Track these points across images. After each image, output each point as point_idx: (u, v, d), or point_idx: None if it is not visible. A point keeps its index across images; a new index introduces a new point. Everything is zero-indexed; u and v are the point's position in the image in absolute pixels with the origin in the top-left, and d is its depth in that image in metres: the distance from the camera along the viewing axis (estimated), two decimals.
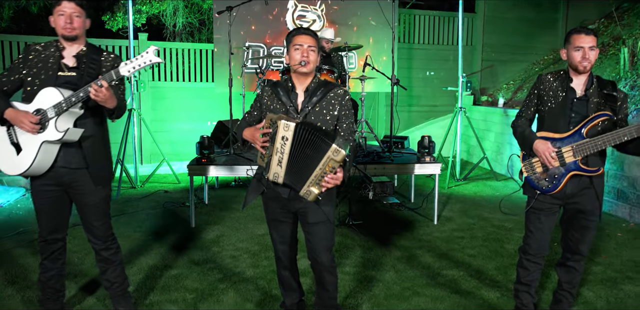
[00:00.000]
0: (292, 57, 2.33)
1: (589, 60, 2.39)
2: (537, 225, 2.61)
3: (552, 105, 2.51)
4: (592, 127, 2.41)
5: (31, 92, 2.40)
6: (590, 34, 2.41)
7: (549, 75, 2.58)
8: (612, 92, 2.43)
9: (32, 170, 2.38)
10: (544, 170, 2.53)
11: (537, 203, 2.58)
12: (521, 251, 2.70)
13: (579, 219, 2.57)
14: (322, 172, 2.14)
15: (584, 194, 2.51)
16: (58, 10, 2.38)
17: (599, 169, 2.43)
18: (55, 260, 2.62)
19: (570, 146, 2.43)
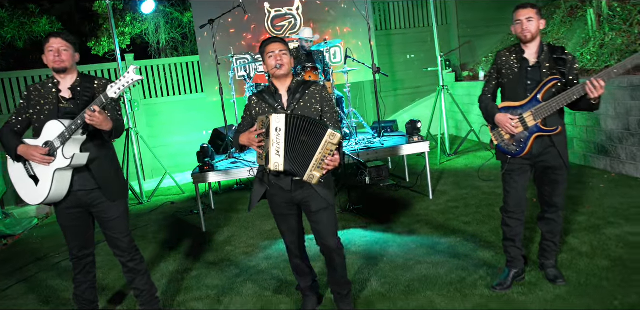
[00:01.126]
0: (268, 64, 2.60)
1: (528, 30, 2.66)
2: (512, 185, 2.88)
3: (510, 76, 2.77)
4: (547, 91, 2.66)
5: (38, 127, 2.66)
6: (527, 7, 2.67)
7: (505, 50, 2.85)
8: (561, 55, 2.68)
9: (52, 197, 2.64)
10: (510, 137, 2.79)
11: (510, 166, 2.85)
12: (502, 211, 2.97)
13: (548, 175, 2.84)
14: (322, 156, 2.39)
15: (548, 152, 2.78)
16: (48, 46, 2.64)
17: (557, 128, 2.70)
18: (86, 274, 2.90)
19: (530, 111, 2.69)
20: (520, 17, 2.67)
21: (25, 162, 2.70)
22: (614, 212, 3.92)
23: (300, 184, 2.55)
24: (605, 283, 2.84)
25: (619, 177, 4.94)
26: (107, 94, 2.50)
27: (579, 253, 3.27)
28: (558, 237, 2.98)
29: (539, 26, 2.68)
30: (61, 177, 2.62)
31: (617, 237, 3.45)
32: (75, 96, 2.68)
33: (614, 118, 5.08)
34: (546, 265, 3.00)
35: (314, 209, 2.59)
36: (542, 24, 2.69)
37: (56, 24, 7.97)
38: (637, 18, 5.75)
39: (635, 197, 4.24)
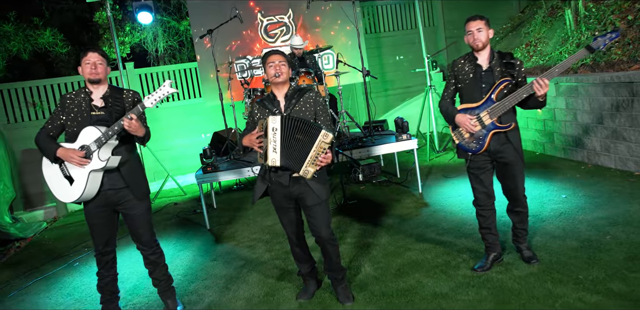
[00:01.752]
0: (268, 73, 2.93)
1: (479, 40, 2.98)
2: (478, 182, 3.20)
3: (466, 81, 3.09)
4: (499, 91, 2.99)
5: (72, 132, 2.96)
6: (477, 19, 2.99)
7: (459, 59, 3.16)
8: (510, 60, 3.02)
9: (84, 196, 2.95)
10: (470, 135, 3.11)
11: (472, 163, 3.17)
12: (474, 204, 3.29)
13: (507, 170, 3.15)
14: (316, 153, 2.72)
15: (505, 148, 3.09)
16: (85, 60, 2.94)
17: (511, 124, 3.02)
18: (109, 269, 3.20)
19: (486, 111, 3.02)
20: (471, 28, 2.98)
21: (61, 164, 3.00)
22: (587, 200, 4.26)
23: (297, 180, 2.87)
24: (572, 260, 3.17)
25: (594, 168, 5.29)
26: (144, 103, 2.82)
27: (553, 236, 3.61)
28: (527, 223, 3.30)
29: (488, 35, 3.01)
30: (94, 178, 2.93)
31: (587, 221, 3.79)
32: (108, 105, 2.98)
33: (588, 113, 5.43)
34: (521, 248, 3.32)
35: (309, 203, 2.91)
36: (490, 33, 3.02)
37: (58, 35, 8.27)
38: (609, 18, 6.10)
39: (606, 185, 4.59)
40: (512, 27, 9.49)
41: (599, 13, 6.42)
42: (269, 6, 7.42)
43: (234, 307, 3.23)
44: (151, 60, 8.99)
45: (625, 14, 5.96)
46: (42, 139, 3.01)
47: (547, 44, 7.45)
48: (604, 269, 3.01)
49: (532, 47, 7.76)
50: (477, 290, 2.98)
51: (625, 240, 3.37)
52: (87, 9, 8.72)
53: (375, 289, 3.19)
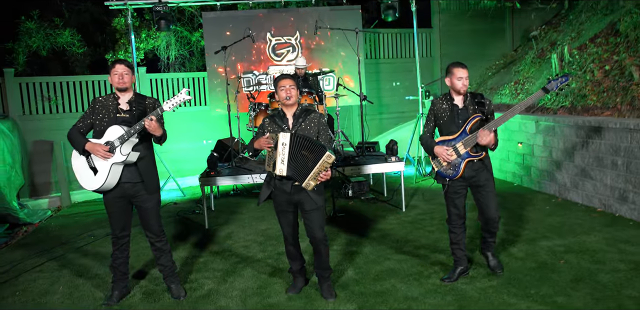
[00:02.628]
0: (280, 96, 3.42)
1: (466, 86, 3.51)
2: (452, 204, 3.69)
3: (445, 118, 3.61)
4: (472, 125, 3.52)
5: (99, 130, 3.43)
6: (465, 68, 3.52)
7: (438, 99, 3.67)
8: (481, 100, 3.56)
9: (105, 186, 3.40)
10: (447, 164, 3.61)
11: (450, 187, 3.66)
12: (447, 222, 3.79)
13: (480, 192, 3.65)
14: (318, 170, 3.20)
15: (478, 174, 3.59)
16: (113, 71, 3.43)
17: (482, 153, 3.54)
18: (123, 251, 3.64)
19: (461, 142, 3.53)
20: (462, 75, 3.49)
21: (88, 156, 3.45)
22: (550, 229, 4.78)
23: (298, 188, 3.35)
24: (528, 278, 3.66)
25: (563, 201, 5.83)
26: (163, 107, 3.31)
27: (515, 258, 4.10)
28: (495, 237, 3.81)
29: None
30: (115, 170, 3.39)
31: (547, 247, 4.30)
32: (132, 109, 3.47)
33: (562, 151, 5.99)
34: (488, 256, 3.84)
35: (307, 208, 3.38)
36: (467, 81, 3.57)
37: (76, 35, 8.76)
38: (589, 66, 6.73)
39: (570, 218, 5.11)
40: (504, 64, 10.15)
41: (581, 60, 7.06)
42: (278, 27, 7.98)
43: (230, 295, 3.65)
44: (162, 67, 9.48)
45: (603, 63, 6.59)
46: (73, 134, 3.48)
47: (533, 83, 8.07)
48: (552, 286, 3.50)
49: (520, 86, 8.38)
50: (442, 297, 3.45)
51: (576, 265, 3.87)
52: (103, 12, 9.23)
53: (355, 289, 3.64)
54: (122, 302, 3.62)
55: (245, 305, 3.49)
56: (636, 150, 4.91)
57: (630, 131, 4.97)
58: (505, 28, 10.63)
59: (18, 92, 7.73)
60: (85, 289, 3.92)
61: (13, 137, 6.84)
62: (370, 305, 3.37)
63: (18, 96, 7.71)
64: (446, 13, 10.13)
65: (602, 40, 7.18)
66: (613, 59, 6.56)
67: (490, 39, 10.48)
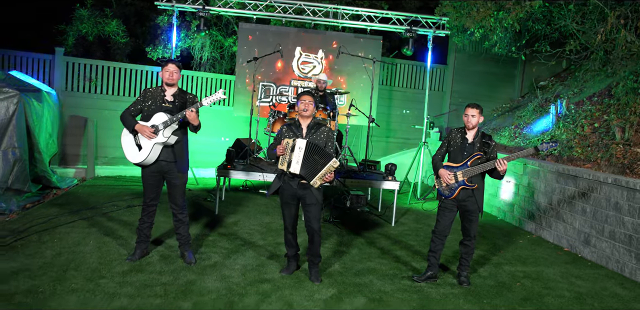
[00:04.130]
0: (299, 107, 4.15)
1: (471, 123, 4.23)
2: (443, 217, 4.36)
3: (454, 147, 4.31)
4: (474, 160, 4.21)
5: (147, 115, 4.15)
6: (474, 107, 4.24)
7: (455, 129, 4.39)
8: (488, 141, 4.25)
9: (146, 161, 4.10)
10: (446, 185, 4.30)
11: (443, 204, 4.36)
12: (432, 232, 4.45)
13: (466, 216, 4.34)
14: (325, 172, 3.90)
15: (469, 200, 4.28)
16: (165, 69, 4.15)
17: (475, 185, 4.22)
18: (150, 217, 4.31)
19: (461, 171, 4.23)
20: (468, 113, 4.25)
21: (135, 135, 4.14)
22: (517, 258, 5.42)
23: (303, 185, 4.03)
24: (485, 292, 4.30)
25: (537, 238, 6.47)
26: (202, 102, 4.02)
27: (479, 276, 4.75)
28: (471, 256, 4.46)
29: (478, 120, 4.26)
30: (156, 149, 4.09)
31: (509, 271, 4.94)
32: (175, 101, 4.19)
33: (543, 193, 6.67)
34: (460, 274, 4.47)
35: (308, 202, 4.07)
36: (481, 119, 4.27)
37: (122, 26, 9.57)
38: (581, 121, 7.46)
39: (538, 252, 5.75)
40: (509, 108, 10.90)
41: (575, 115, 7.79)
42: (305, 45, 8.76)
43: (232, 268, 4.31)
44: (194, 66, 10.25)
45: (594, 121, 7.32)
46: (126, 116, 4.19)
47: (531, 130, 8.78)
48: (504, 301, 4.15)
49: (519, 130, 9.10)
50: (409, 294, 4.10)
51: (529, 288, 4.51)
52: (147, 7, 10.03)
53: (337, 279, 4.29)
54: (142, 260, 4.28)
55: (245, 277, 4.15)
56: (603, 201, 5.59)
57: (600, 183, 5.65)
58: (516, 75, 11.40)
59: (64, 70, 8.50)
60: (112, 246, 4.58)
61: (56, 109, 7.57)
62: (348, 292, 4.02)
63: (64, 73, 8.48)
64: (462, 53, 10.90)
65: (597, 100, 7.92)
66: (603, 118, 7.28)
67: (500, 82, 11.24)
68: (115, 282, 3.81)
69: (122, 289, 3.71)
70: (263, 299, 3.75)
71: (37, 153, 6.36)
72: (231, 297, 3.72)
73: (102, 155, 8.44)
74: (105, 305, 3.43)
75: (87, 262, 4.16)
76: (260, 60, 7.58)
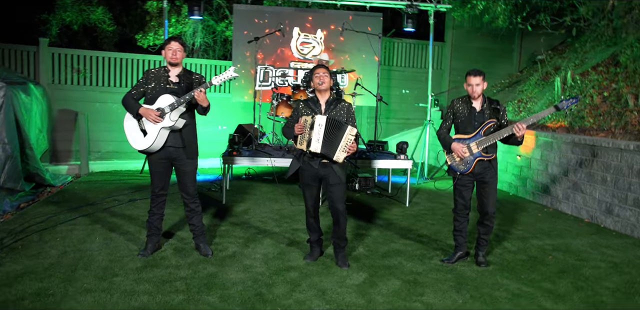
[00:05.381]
0: (314, 82, 3.86)
1: (476, 92, 3.94)
2: (460, 195, 4.13)
3: (462, 118, 4.05)
4: (487, 129, 3.96)
5: (151, 98, 3.83)
6: (476, 75, 3.93)
7: (458, 100, 4.11)
8: (497, 106, 4.01)
9: (152, 147, 3.79)
10: (460, 160, 4.06)
11: (459, 181, 4.11)
12: (453, 211, 4.23)
13: (484, 188, 4.08)
14: (345, 143, 3.64)
15: (486, 171, 4.03)
16: (168, 47, 3.83)
17: (492, 155, 3.98)
18: (159, 208, 4.03)
19: (475, 142, 3.97)
20: (471, 83, 3.93)
21: (139, 120, 3.84)
22: (540, 232, 5.25)
23: (324, 164, 3.77)
24: (519, 267, 4.12)
25: (554, 211, 6.31)
26: (212, 81, 3.72)
27: (508, 251, 4.56)
28: (489, 235, 4.22)
29: (483, 88, 3.97)
30: (162, 134, 3.79)
31: (537, 245, 4.76)
32: (181, 82, 3.88)
33: (557, 165, 6.49)
34: (477, 254, 4.23)
35: (331, 182, 3.81)
36: (484, 85, 3.98)
37: (107, 14, 9.13)
38: (589, 91, 7.27)
39: (560, 225, 5.59)
40: (509, 83, 10.70)
41: (582, 85, 7.60)
42: (304, 26, 8.43)
43: (253, 257, 4.06)
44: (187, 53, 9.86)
45: (602, 90, 7.13)
46: (128, 100, 3.88)
47: (535, 103, 8.59)
48: (540, 274, 3.96)
49: (523, 104, 8.90)
50: (443, 274, 3.89)
51: (562, 260, 4.33)
52: None
53: (365, 262, 4.07)
54: (155, 255, 4.01)
55: (268, 266, 3.90)
56: (624, 168, 5.42)
57: (620, 151, 5.48)
58: (514, 49, 11.19)
59: (50, 62, 8.08)
60: (120, 242, 4.29)
61: (44, 102, 7.18)
62: (380, 275, 3.80)
63: (50, 65, 8.06)
64: (459, 29, 10.65)
65: (603, 69, 7.73)
66: (611, 86, 7.10)
67: (498, 58, 11.03)
68: (131, 280, 3.53)
69: (139, 286, 3.44)
70: (293, 288, 3.51)
71: (29, 149, 6.01)
72: (258, 288, 3.47)
73: (95, 150, 8.07)
74: (125, 305, 3.16)
75: (97, 260, 3.88)
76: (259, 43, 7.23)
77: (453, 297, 3.46)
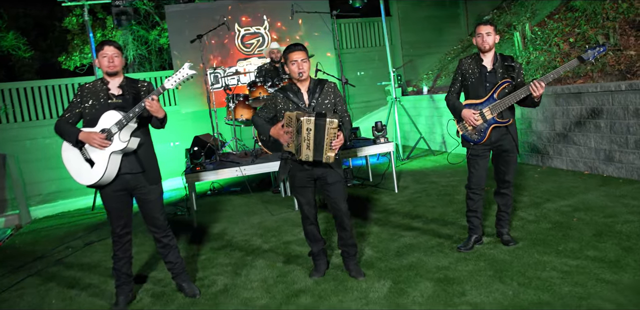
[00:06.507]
0: (291, 71, 3.17)
1: (486, 42, 3.39)
2: (475, 167, 3.58)
3: (472, 79, 3.48)
4: (501, 90, 3.40)
5: (91, 119, 3.08)
6: (487, 24, 3.41)
7: (466, 58, 3.56)
8: (511, 63, 3.45)
9: (104, 178, 3.04)
10: (473, 128, 3.51)
11: (473, 151, 3.56)
12: (466, 187, 3.67)
13: (503, 157, 3.57)
14: (329, 139, 3.00)
15: (504, 138, 3.51)
16: (102, 53, 3.08)
17: (509, 120, 3.45)
18: (125, 251, 3.27)
19: (488, 107, 3.42)
20: (481, 32, 3.39)
21: (81, 148, 3.08)
22: (549, 194, 4.81)
23: (317, 162, 3.14)
24: (550, 238, 3.62)
25: (548, 169, 5.92)
26: (164, 85, 3.00)
27: (527, 221, 4.07)
28: (510, 208, 3.71)
29: (495, 40, 3.46)
30: (114, 160, 3.04)
31: (554, 209, 4.30)
32: (125, 93, 3.14)
33: (542, 121, 6.09)
34: (501, 233, 3.70)
35: (330, 181, 3.19)
36: (497, 38, 3.47)
37: (21, 38, 8.12)
38: (554, 40, 6.92)
39: (563, 182, 5.18)
40: (462, 48, 10.35)
41: (544, 36, 7.26)
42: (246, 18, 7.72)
43: (250, 287, 3.37)
44: None
45: (567, 36, 6.80)
46: (62, 125, 3.11)
47: None
48: (577, 242, 3.48)
49: None
50: (474, 263, 3.34)
51: (590, 221, 3.88)
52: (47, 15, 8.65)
53: (381, 266, 3.46)
54: (132, 306, 3.26)
55: (272, 294, 3.23)
56: (619, 111, 5.05)
57: (611, 93, 5.10)
58: (460, 14, 10.85)
59: None
60: (82, 300, 3.50)
61: None
62: (405, 280, 3.21)
63: None
64: (404, 1, 10.21)
65: (560, 17, 7.42)
66: (575, 32, 6.78)
67: (446, 24, 10.66)
68: None
69: None
70: None
71: None
72: None
73: (35, 193, 7.10)
74: None
75: None
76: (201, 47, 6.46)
77: (500, 290, 2.91)
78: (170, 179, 7.50)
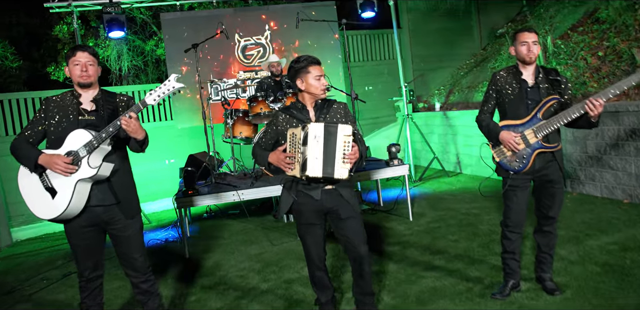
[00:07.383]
0: (312, 85, 2.67)
1: (533, 53, 2.86)
2: (515, 200, 3.01)
3: (510, 96, 2.93)
4: (546, 109, 2.85)
5: (56, 138, 2.55)
6: (532, 31, 2.88)
7: (502, 72, 3.01)
8: (556, 77, 2.91)
9: (68, 211, 2.49)
10: (512, 154, 2.95)
11: (512, 181, 2.97)
12: (503, 225, 3.09)
13: (547, 188, 3.00)
14: (342, 151, 2.48)
15: (549, 166, 2.94)
16: (73, 60, 2.57)
17: (558, 144, 2.90)
18: (95, 298, 2.71)
19: (531, 129, 2.86)
20: (527, 40, 2.86)
21: (41, 174, 2.55)
22: (586, 226, 4.22)
23: (329, 193, 2.61)
24: (603, 286, 3.04)
25: (580, 196, 5.34)
26: (145, 101, 2.48)
27: (570, 261, 3.48)
28: (553, 249, 3.12)
29: (539, 50, 2.93)
30: (81, 189, 2.50)
31: (598, 246, 3.72)
32: (98, 109, 2.62)
33: (571, 142, 5.53)
34: (543, 278, 3.11)
35: (344, 216, 2.64)
36: (539, 48, 2.95)
37: (9, 48, 7.68)
38: (580, 53, 6.41)
39: (601, 212, 4.60)
40: (475, 63, 9.85)
41: (568, 49, 6.75)
42: (247, 27, 7.27)
43: None
44: (113, 80, 8.49)
45: (595, 50, 6.28)
46: (19, 146, 2.58)
47: None
48: (638, 293, 2.89)
49: None
50: None
51: None
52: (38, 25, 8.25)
53: None
54: None
55: None
56: None
57: None
58: (473, 26, 10.39)
59: None
60: None
61: None
62: None
63: None
64: (415, 12, 9.76)
65: (585, 29, 6.92)
66: (604, 45, 6.27)
67: (458, 37, 10.19)
68: None
69: None
70: None
71: None
72: None
73: (17, 213, 6.55)
74: None
75: None
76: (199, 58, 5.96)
77: None
78: (166, 198, 6.95)
